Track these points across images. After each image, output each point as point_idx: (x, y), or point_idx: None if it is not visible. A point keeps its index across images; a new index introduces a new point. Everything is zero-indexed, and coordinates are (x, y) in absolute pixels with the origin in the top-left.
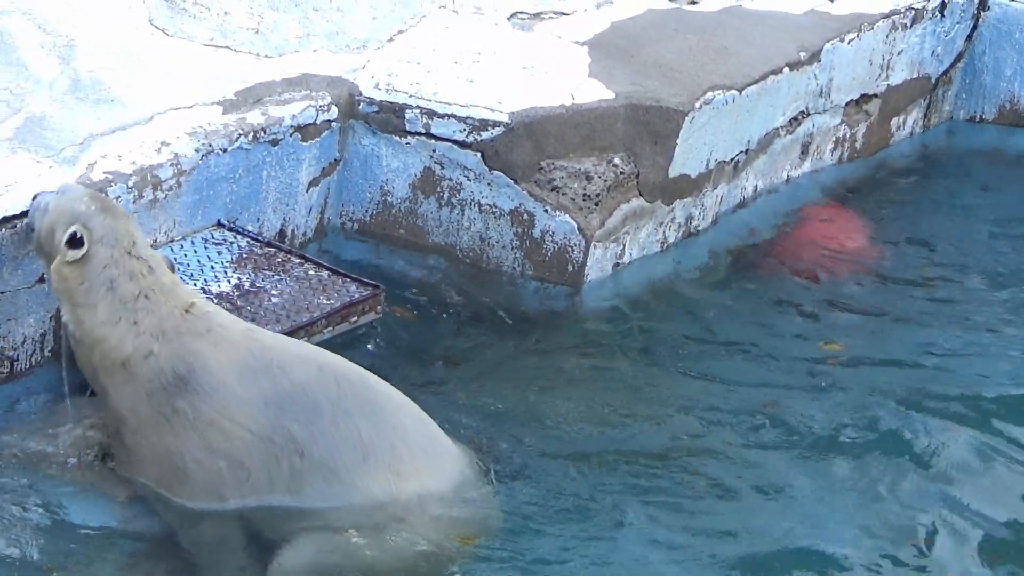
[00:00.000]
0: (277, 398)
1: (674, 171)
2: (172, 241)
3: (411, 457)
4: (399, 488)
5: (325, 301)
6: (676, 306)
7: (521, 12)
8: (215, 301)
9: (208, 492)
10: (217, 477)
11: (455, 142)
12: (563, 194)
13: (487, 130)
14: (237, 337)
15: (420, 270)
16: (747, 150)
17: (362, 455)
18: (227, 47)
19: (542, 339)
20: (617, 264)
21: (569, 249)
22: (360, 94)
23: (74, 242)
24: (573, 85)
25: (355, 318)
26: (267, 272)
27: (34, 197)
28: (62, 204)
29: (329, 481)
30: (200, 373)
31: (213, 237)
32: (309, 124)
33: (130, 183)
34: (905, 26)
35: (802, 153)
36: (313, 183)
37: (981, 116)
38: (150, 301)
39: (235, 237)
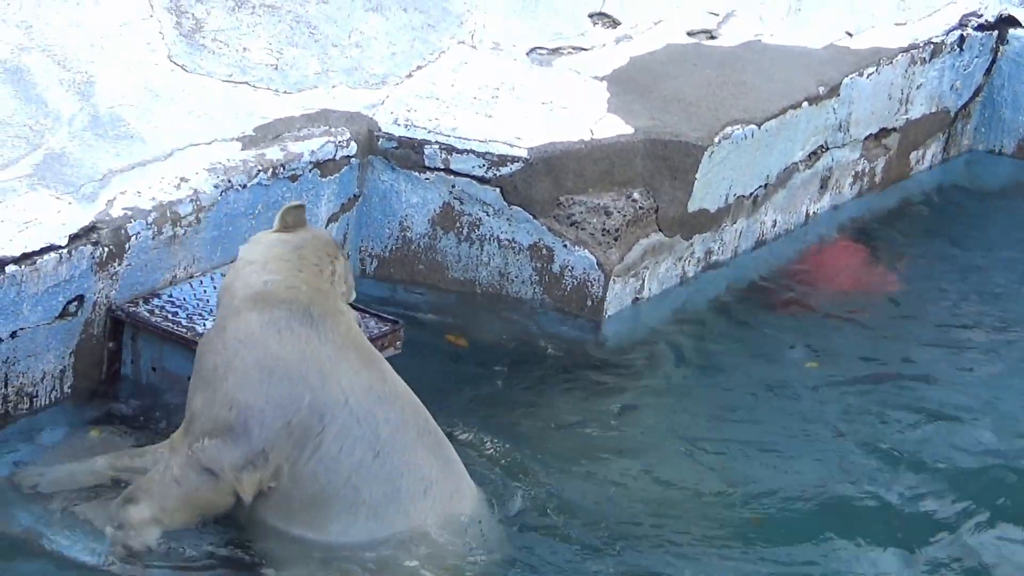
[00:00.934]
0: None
1: (693, 206)
2: (192, 277)
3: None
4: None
5: None
6: (696, 341)
7: (540, 47)
8: None
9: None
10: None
11: (474, 177)
12: (582, 229)
13: (506, 165)
14: None
15: (439, 305)
16: (766, 184)
17: (424, 487)
18: (246, 83)
19: (563, 374)
20: (636, 299)
21: (588, 284)
22: (379, 130)
23: None
24: (592, 120)
25: None
26: None
27: None
28: None
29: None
30: None
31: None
32: (328, 160)
33: (150, 219)
34: (924, 60)
35: (821, 187)
36: (332, 218)
37: (1000, 150)
38: None
39: None
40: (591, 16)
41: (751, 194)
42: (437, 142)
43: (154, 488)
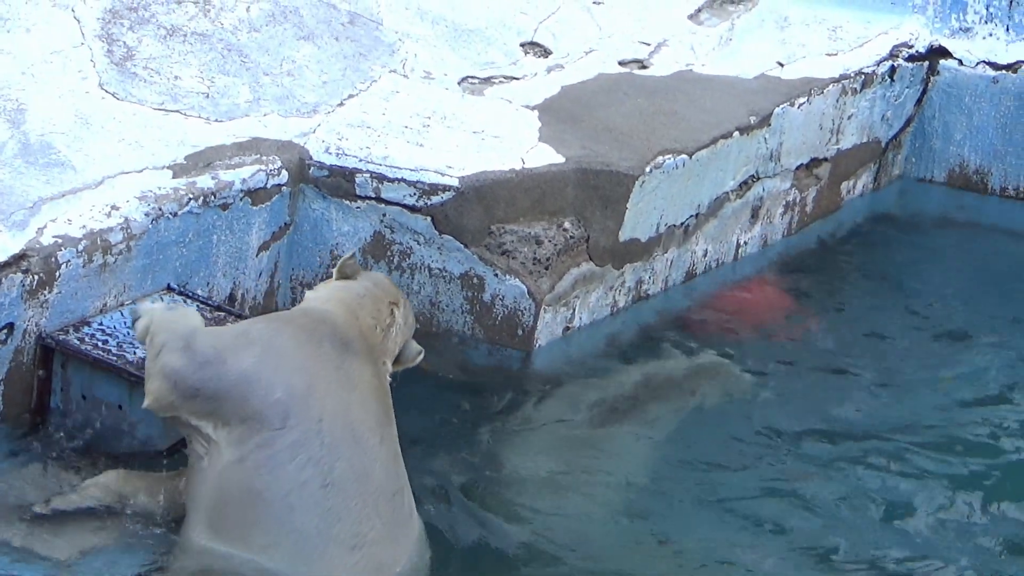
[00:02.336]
0: None
1: (624, 235)
2: (122, 305)
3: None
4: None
5: None
6: (626, 371)
7: (471, 77)
8: None
9: None
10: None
11: (405, 206)
12: (513, 258)
13: (437, 194)
14: None
15: None
16: (697, 214)
17: (355, 543)
18: (177, 111)
19: (493, 403)
20: (567, 328)
21: (519, 313)
22: (310, 158)
23: None
24: (523, 149)
25: None
26: None
27: None
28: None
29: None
30: None
31: (163, 301)
32: (259, 188)
33: (80, 247)
34: (855, 91)
35: (752, 217)
36: (263, 247)
37: (931, 179)
38: None
39: (185, 301)
40: (522, 45)
41: (682, 224)
42: (368, 171)
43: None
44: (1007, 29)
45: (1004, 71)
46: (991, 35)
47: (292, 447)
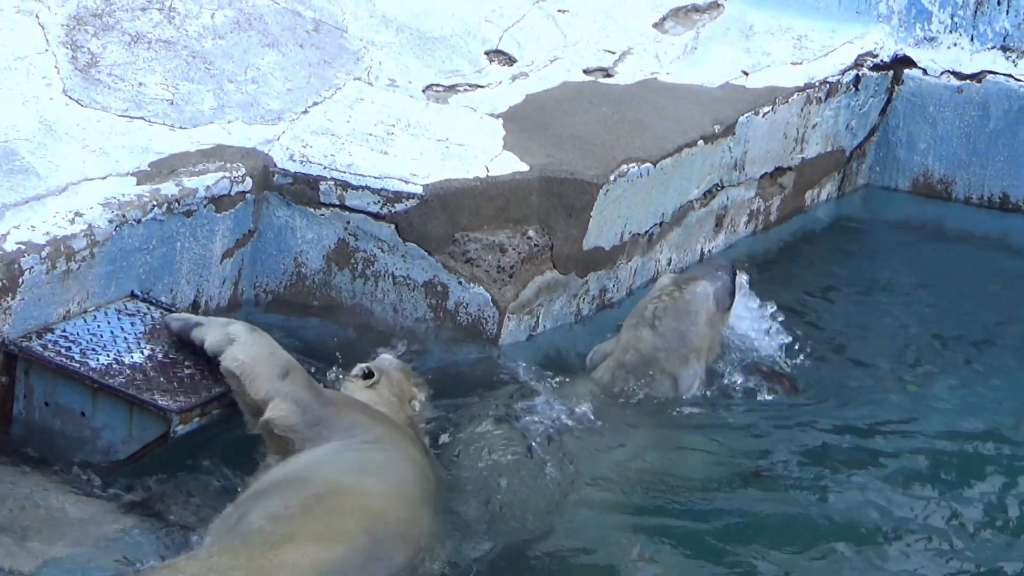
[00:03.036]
0: None
1: (588, 243)
2: (85, 312)
3: None
4: None
5: None
6: (590, 378)
7: (436, 84)
8: (127, 372)
9: None
10: None
11: (369, 214)
12: (477, 266)
13: (401, 202)
14: None
15: (333, 342)
16: (661, 223)
17: None
18: (142, 118)
19: (456, 411)
20: (531, 336)
21: (483, 321)
22: (275, 165)
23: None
24: (487, 157)
25: None
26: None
27: None
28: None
29: None
30: None
31: (127, 308)
32: (223, 195)
33: (43, 253)
34: (819, 100)
35: (716, 226)
36: (227, 254)
37: (895, 189)
38: None
39: (149, 308)
40: (487, 53)
41: (646, 232)
42: (332, 178)
43: None
44: (971, 39)
45: (968, 81)
46: (956, 45)
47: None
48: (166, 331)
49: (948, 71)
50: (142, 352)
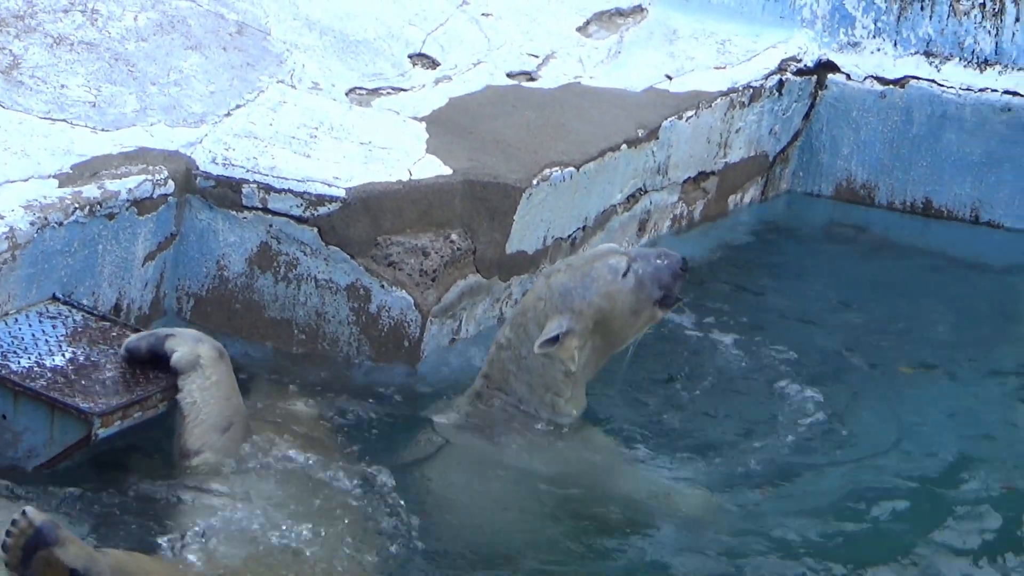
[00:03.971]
0: None
1: (511, 248)
2: (6, 315)
3: None
4: None
5: (160, 375)
6: None
7: (359, 88)
8: (49, 375)
9: None
10: None
11: (292, 217)
12: (400, 270)
13: (324, 205)
14: None
15: (256, 345)
16: (584, 227)
17: None
18: (64, 120)
19: (378, 415)
20: (453, 340)
21: (405, 325)
22: (197, 168)
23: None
24: (411, 161)
25: None
26: (102, 346)
27: None
28: None
29: None
30: None
31: (48, 311)
32: (146, 198)
33: None
34: (743, 104)
35: (639, 230)
36: (149, 257)
37: (818, 194)
38: None
39: (70, 311)
40: (411, 57)
41: (569, 236)
42: (255, 181)
43: None
44: (895, 44)
45: (892, 86)
46: (879, 50)
47: None
48: (129, 355)
49: (871, 76)
50: (63, 355)
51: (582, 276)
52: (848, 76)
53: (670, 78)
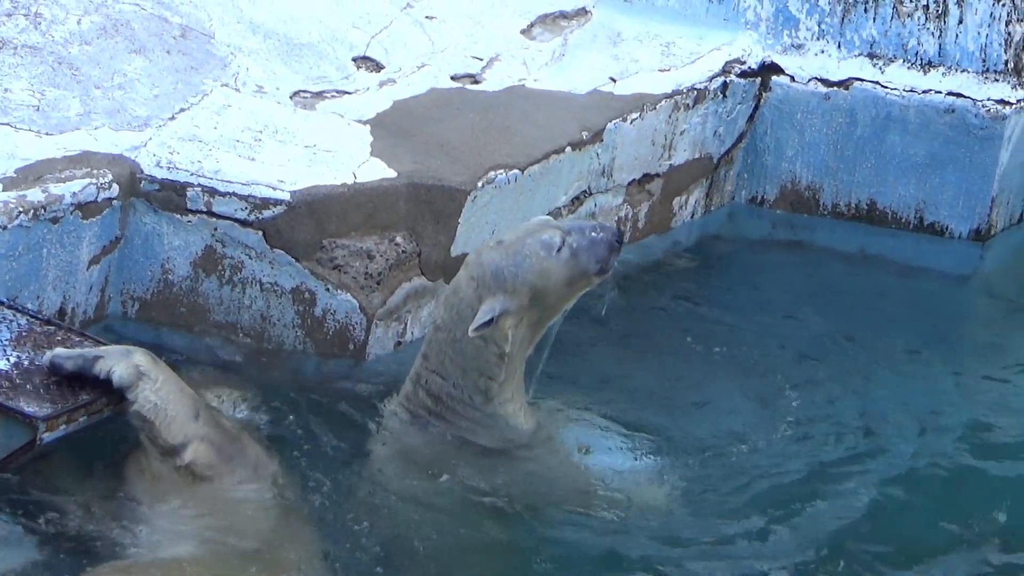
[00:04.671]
0: None
1: (456, 250)
2: None
3: None
4: None
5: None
6: None
7: (303, 91)
8: None
9: None
10: None
11: (236, 220)
12: (345, 273)
13: (269, 209)
14: None
15: (201, 349)
16: None
17: None
18: (7, 124)
19: (324, 418)
20: (399, 342)
21: (351, 328)
22: (141, 172)
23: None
24: (355, 164)
25: None
26: (47, 350)
27: None
28: None
29: None
30: None
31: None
32: (90, 202)
33: None
34: (687, 106)
35: None
36: (94, 261)
37: (763, 196)
38: None
39: (14, 315)
40: (355, 60)
41: None
42: (199, 184)
43: None
44: (839, 46)
45: (836, 88)
46: (823, 52)
47: None
48: (57, 371)
49: (816, 78)
50: (8, 359)
51: (514, 254)
52: (792, 78)
53: (614, 80)
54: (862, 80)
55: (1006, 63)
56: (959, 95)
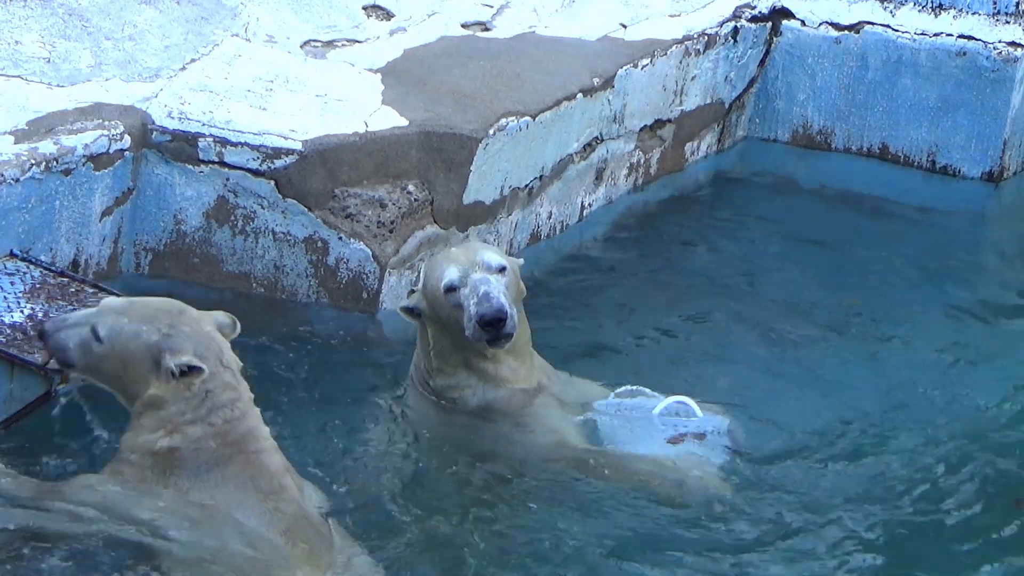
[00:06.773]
0: None
1: (468, 198)
2: None
3: None
4: None
5: None
6: None
7: (314, 40)
8: (7, 331)
9: None
10: None
11: (248, 170)
12: (357, 221)
13: (280, 158)
14: None
15: (214, 299)
16: (541, 176)
17: None
18: (19, 76)
19: (339, 367)
20: (412, 291)
21: (364, 276)
22: (153, 123)
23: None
24: (367, 113)
25: None
26: (60, 302)
27: None
28: None
29: None
30: None
31: (5, 267)
32: (102, 153)
33: None
34: (698, 52)
35: (596, 179)
36: (106, 212)
37: (774, 140)
38: None
39: (28, 267)
40: (365, 8)
41: (526, 186)
42: (211, 135)
43: None
44: None
45: (846, 31)
46: None
47: None
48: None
49: (826, 22)
50: (22, 311)
51: (429, 268)
52: (803, 22)
53: (625, 26)
54: (873, 24)
55: (1017, 5)
56: (970, 38)
